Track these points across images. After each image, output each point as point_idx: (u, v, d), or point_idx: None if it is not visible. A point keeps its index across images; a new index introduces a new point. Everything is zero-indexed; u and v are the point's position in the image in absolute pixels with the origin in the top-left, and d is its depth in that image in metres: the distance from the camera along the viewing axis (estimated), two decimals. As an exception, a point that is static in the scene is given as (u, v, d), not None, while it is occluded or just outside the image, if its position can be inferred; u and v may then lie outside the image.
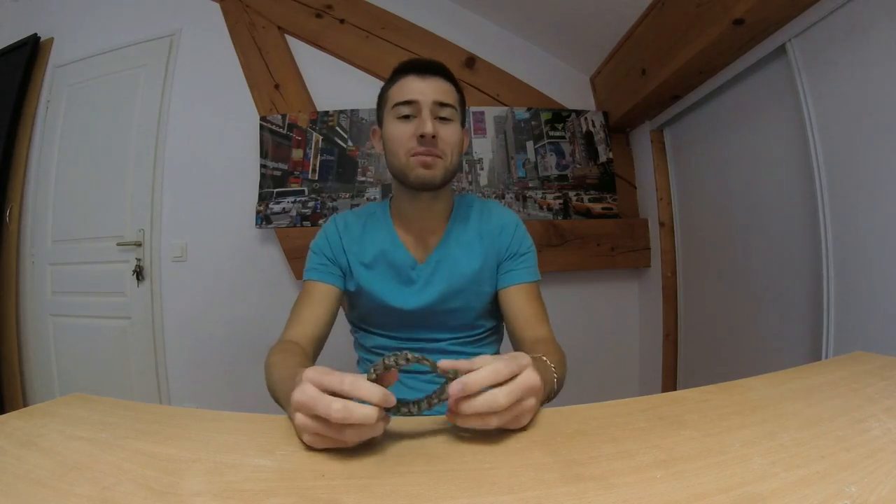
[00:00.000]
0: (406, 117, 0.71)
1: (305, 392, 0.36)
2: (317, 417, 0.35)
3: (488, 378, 0.38)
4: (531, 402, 0.40)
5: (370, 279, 0.79)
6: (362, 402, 0.35)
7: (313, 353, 0.71)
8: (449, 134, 0.72)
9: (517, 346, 0.75)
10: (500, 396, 0.37)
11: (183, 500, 0.30)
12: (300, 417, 0.36)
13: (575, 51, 1.98)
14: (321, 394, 0.36)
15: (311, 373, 0.38)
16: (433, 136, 0.69)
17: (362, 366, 0.90)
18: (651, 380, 1.90)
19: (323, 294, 0.76)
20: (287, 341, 0.68)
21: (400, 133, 0.71)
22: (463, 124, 0.78)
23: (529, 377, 0.40)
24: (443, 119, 0.72)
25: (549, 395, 0.53)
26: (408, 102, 0.70)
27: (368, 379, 0.38)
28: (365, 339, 0.86)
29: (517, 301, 0.77)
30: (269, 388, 0.57)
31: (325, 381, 0.37)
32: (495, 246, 0.80)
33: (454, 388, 0.37)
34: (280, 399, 0.50)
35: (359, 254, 0.80)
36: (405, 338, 0.81)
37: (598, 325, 1.99)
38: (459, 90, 0.77)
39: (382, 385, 0.39)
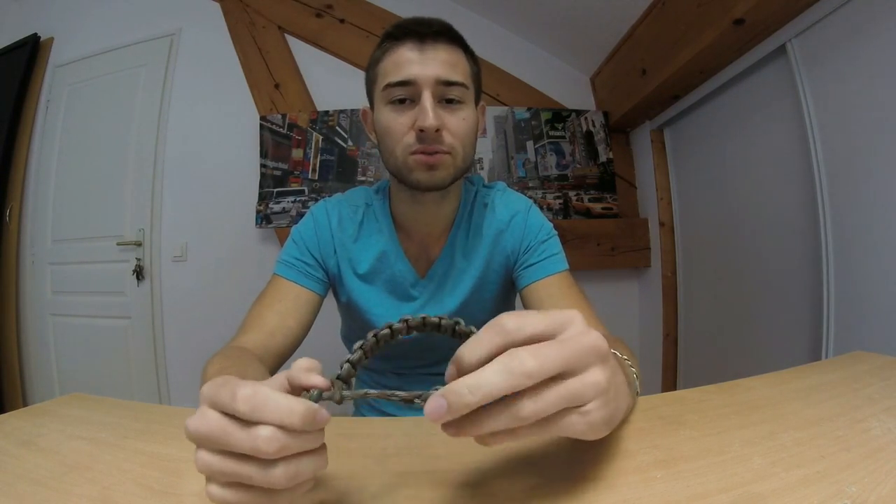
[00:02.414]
0: (402, 101, 0.55)
1: (206, 418, 0.23)
2: (231, 454, 0.22)
3: (490, 341, 0.23)
4: (595, 374, 0.23)
5: (364, 293, 0.67)
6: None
7: (272, 371, 0.54)
8: (457, 123, 0.56)
9: None
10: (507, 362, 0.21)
11: (183, 500, 0.30)
12: (204, 457, 0.23)
13: (575, 51, 1.98)
14: (231, 420, 0.22)
15: (209, 387, 0.24)
16: (437, 130, 0.54)
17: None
18: (651, 380, 1.90)
19: (299, 301, 0.61)
20: (238, 347, 0.52)
21: (395, 124, 0.55)
22: (478, 101, 0.62)
23: (582, 333, 0.23)
24: (450, 102, 0.56)
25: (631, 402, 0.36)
26: (402, 83, 0.54)
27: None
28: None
29: (548, 297, 0.61)
30: None
31: (218, 398, 0.23)
32: (502, 243, 0.67)
33: (447, 386, 0.22)
34: None
35: (353, 261, 0.66)
36: (398, 356, 0.71)
37: (598, 325, 1.99)
38: (472, 57, 0.60)
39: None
